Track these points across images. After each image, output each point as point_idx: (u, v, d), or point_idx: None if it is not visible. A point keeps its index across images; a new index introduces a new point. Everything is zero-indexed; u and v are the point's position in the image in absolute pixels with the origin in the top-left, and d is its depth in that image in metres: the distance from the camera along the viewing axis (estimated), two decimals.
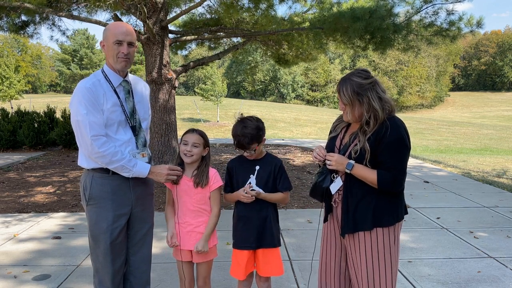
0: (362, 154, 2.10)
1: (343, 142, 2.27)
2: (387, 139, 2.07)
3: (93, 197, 2.40)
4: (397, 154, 2.08)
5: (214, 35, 8.49)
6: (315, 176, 2.34)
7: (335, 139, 2.32)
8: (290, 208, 5.74)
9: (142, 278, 2.62)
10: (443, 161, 10.40)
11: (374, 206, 2.14)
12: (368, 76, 2.14)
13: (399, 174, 2.10)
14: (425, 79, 66.45)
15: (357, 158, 2.11)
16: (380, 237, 2.15)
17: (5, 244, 4.40)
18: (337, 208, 2.27)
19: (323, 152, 2.25)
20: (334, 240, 2.34)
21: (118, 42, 2.33)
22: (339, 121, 2.37)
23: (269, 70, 65.00)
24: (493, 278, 3.56)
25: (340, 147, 2.26)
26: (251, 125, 2.48)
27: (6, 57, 34.80)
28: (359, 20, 6.28)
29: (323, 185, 2.25)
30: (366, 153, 2.08)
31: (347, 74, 2.18)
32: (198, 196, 2.56)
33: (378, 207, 2.14)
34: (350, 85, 2.11)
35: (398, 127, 2.10)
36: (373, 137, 2.09)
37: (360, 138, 2.12)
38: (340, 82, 2.17)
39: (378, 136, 2.08)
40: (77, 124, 2.29)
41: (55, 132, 11.04)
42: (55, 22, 8.12)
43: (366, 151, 2.08)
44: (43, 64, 78.55)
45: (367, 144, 2.09)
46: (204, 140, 2.57)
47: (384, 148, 2.07)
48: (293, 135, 18.93)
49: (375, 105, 2.09)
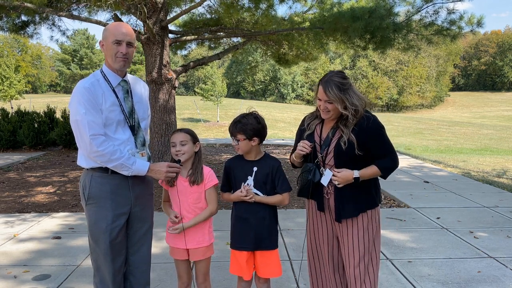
0: (351, 144, 2.33)
1: (322, 137, 2.46)
2: (371, 128, 2.35)
3: (92, 197, 2.40)
4: (383, 139, 2.39)
5: (214, 35, 8.49)
6: (301, 175, 2.48)
7: (312, 136, 2.49)
8: (290, 208, 5.74)
9: (142, 278, 2.62)
10: (443, 161, 10.40)
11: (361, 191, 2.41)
12: (345, 77, 2.36)
13: (391, 154, 2.41)
14: (425, 79, 66.42)
15: (347, 148, 2.33)
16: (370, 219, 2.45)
17: (5, 244, 4.40)
18: (329, 199, 2.46)
19: (308, 143, 2.42)
20: (326, 229, 2.55)
21: (117, 42, 2.34)
22: (311, 119, 2.54)
23: (269, 70, 65.00)
24: (493, 278, 3.56)
25: (321, 142, 2.45)
26: (250, 119, 2.52)
27: (6, 57, 34.81)
28: (359, 19, 6.28)
29: (314, 180, 2.42)
30: (355, 143, 2.32)
31: (327, 76, 2.35)
32: (194, 195, 2.56)
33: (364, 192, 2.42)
34: (335, 85, 2.30)
35: (375, 117, 2.40)
36: (357, 128, 2.34)
37: (343, 130, 2.36)
38: (323, 83, 2.33)
39: (361, 127, 2.34)
40: (76, 123, 2.29)
41: (55, 132, 11.04)
42: (55, 22, 8.13)
43: (354, 141, 2.32)
44: (43, 64, 78.55)
45: (352, 135, 2.33)
46: (191, 136, 2.57)
47: (371, 137, 2.35)
48: (293, 135, 18.92)
49: (355, 101, 2.31)
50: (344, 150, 2.33)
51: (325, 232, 2.56)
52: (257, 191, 2.55)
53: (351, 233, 2.44)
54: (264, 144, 2.73)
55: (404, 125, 27.81)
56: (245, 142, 2.52)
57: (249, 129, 2.49)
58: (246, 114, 2.57)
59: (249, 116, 2.54)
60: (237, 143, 2.53)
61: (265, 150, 10.22)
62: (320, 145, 2.45)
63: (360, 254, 2.42)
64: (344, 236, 2.46)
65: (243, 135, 2.50)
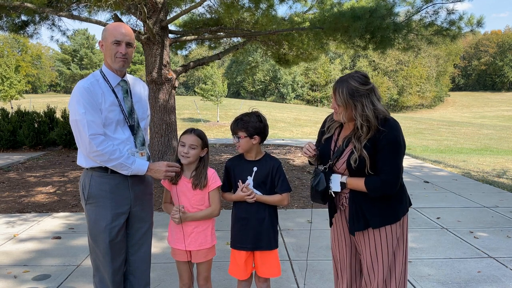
0: (362, 161, 2.13)
1: (337, 144, 2.30)
2: (384, 140, 2.11)
3: (92, 196, 2.41)
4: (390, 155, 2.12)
5: (214, 35, 8.48)
6: (311, 179, 2.35)
7: (330, 141, 2.34)
8: (290, 208, 5.74)
9: (142, 277, 2.62)
10: (443, 161, 10.39)
11: (379, 204, 2.20)
12: (366, 82, 2.13)
13: (389, 177, 2.13)
14: (425, 79, 66.45)
15: (358, 167, 2.14)
16: (389, 233, 2.23)
17: (5, 244, 4.40)
18: (345, 210, 2.34)
19: (312, 147, 2.30)
20: (343, 239, 2.41)
21: (117, 42, 2.35)
22: (331, 121, 2.37)
23: (269, 70, 65.00)
24: (493, 278, 3.56)
25: (335, 149, 2.30)
26: (253, 118, 2.52)
27: (6, 57, 34.81)
28: (359, 19, 6.28)
29: (318, 189, 2.26)
30: (366, 160, 2.12)
31: (346, 75, 2.18)
32: (197, 197, 2.56)
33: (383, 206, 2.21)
34: (347, 88, 2.11)
35: (396, 130, 2.13)
36: (369, 144, 2.12)
37: (356, 146, 2.15)
38: (337, 82, 2.18)
39: (375, 142, 2.12)
40: (75, 123, 2.30)
41: (55, 132, 11.05)
42: (55, 22, 8.12)
43: (366, 159, 2.12)
44: (43, 64, 78.58)
45: (365, 151, 2.12)
46: (202, 141, 2.54)
47: (380, 149, 2.12)
48: (293, 135, 18.94)
49: (368, 113, 2.09)
50: (354, 169, 2.16)
51: (343, 241, 2.42)
52: (257, 191, 2.55)
53: (368, 247, 2.27)
54: (264, 144, 2.74)
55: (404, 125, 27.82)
56: (246, 140, 2.52)
57: (251, 127, 2.50)
58: (248, 112, 2.58)
59: (251, 114, 2.56)
60: (238, 140, 2.53)
61: (265, 150, 10.23)
62: (333, 151, 2.30)
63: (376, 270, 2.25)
64: (362, 249, 2.31)
65: (244, 133, 2.50)
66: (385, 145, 2.11)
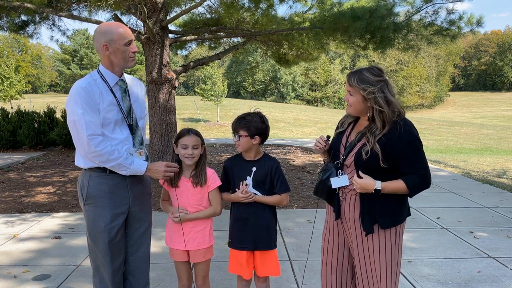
0: (374, 155, 2.09)
1: (349, 139, 2.28)
2: (404, 141, 2.08)
3: (90, 197, 2.40)
4: (413, 154, 2.12)
5: (214, 35, 8.48)
6: (319, 174, 2.32)
7: (342, 135, 2.33)
8: (290, 208, 5.74)
9: (141, 277, 2.62)
10: (443, 161, 10.39)
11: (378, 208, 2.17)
12: (379, 74, 2.13)
13: (422, 171, 2.13)
14: (425, 79, 66.43)
15: (369, 159, 2.10)
16: (387, 237, 2.21)
17: (5, 244, 4.40)
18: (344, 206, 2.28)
19: (323, 140, 2.31)
20: (337, 239, 2.36)
21: (129, 43, 2.36)
22: (346, 116, 2.37)
23: (269, 70, 64.97)
24: (493, 278, 3.56)
25: (346, 144, 2.27)
26: (255, 118, 2.53)
27: (6, 57, 34.82)
28: (359, 19, 6.28)
29: (327, 183, 2.24)
30: (379, 154, 2.08)
31: (360, 68, 2.21)
32: (196, 196, 2.56)
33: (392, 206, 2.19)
34: (359, 77, 2.13)
35: (410, 127, 2.12)
36: (385, 139, 2.09)
37: (369, 139, 2.12)
38: (351, 72, 2.20)
39: (392, 139, 2.09)
40: (73, 124, 2.29)
41: (55, 132, 11.05)
42: (55, 22, 8.13)
43: (378, 153, 2.08)
44: (43, 64, 78.60)
45: (377, 145, 2.09)
46: (201, 139, 2.59)
47: (402, 151, 2.09)
48: (293, 135, 18.93)
49: (381, 103, 2.08)
50: (364, 160, 2.11)
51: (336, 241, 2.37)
52: (256, 191, 2.55)
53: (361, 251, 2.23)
54: (264, 144, 2.74)
55: None
56: (247, 139, 2.52)
57: (253, 127, 2.50)
58: (251, 112, 2.58)
59: (254, 114, 2.55)
60: (239, 139, 2.53)
61: (265, 150, 10.22)
62: (345, 146, 2.27)
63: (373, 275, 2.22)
64: (355, 252, 2.27)
65: (245, 132, 2.50)
66: (406, 146, 2.09)
